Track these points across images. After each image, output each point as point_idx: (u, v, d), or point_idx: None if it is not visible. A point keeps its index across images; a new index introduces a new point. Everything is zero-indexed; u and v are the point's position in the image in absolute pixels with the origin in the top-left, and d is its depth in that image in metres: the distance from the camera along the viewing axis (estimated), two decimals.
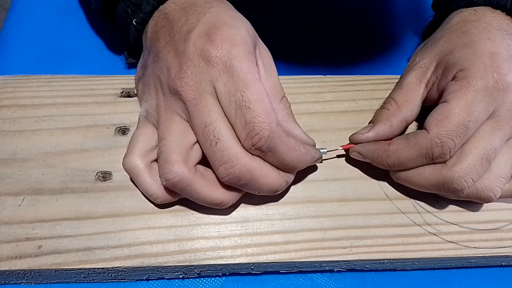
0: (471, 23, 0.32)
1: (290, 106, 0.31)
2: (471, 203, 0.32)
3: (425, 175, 0.29)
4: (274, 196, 0.31)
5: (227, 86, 0.26)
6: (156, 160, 0.29)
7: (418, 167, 0.30)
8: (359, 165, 0.33)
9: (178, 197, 0.30)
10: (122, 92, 0.35)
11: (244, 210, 0.31)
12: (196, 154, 0.28)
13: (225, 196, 0.29)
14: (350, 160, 0.33)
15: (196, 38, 0.27)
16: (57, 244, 0.29)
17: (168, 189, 0.29)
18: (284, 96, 0.30)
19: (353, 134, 0.32)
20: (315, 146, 0.31)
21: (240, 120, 0.26)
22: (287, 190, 0.32)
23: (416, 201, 0.32)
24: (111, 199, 0.31)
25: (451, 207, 0.32)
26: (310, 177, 0.33)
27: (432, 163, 0.29)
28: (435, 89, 0.31)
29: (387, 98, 0.34)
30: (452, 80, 0.30)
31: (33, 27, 0.44)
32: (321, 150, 0.31)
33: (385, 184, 0.33)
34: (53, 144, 0.33)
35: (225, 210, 0.31)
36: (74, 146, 0.32)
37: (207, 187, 0.28)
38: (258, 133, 0.26)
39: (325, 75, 0.38)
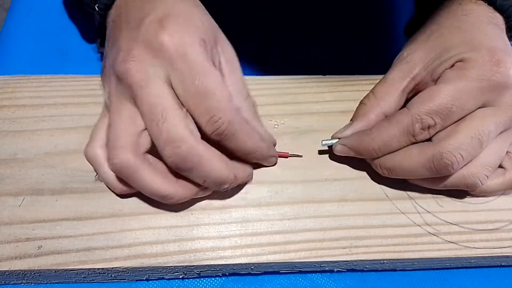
0: (461, 18, 0.32)
1: (254, 106, 0.31)
2: (470, 201, 0.32)
3: (413, 156, 0.29)
4: (225, 194, 0.31)
5: (184, 74, 0.26)
6: None
7: (403, 147, 0.30)
8: (359, 165, 0.33)
9: (134, 188, 0.29)
10: None
11: (244, 211, 0.31)
12: (145, 141, 0.27)
13: (173, 189, 0.28)
14: (349, 160, 0.33)
15: (148, 24, 0.27)
16: (57, 245, 0.29)
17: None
18: (248, 95, 0.31)
19: (334, 134, 0.33)
20: (275, 145, 0.32)
21: (200, 106, 0.26)
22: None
23: (416, 201, 0.32)
24: (111, 199, 0.31)
25: (451, 207, 0.32)
26: (310, 177, 0.33)
27: (415, 142, 0.29)
28: (431, 80, 0.31)
29: (368, 92, 0.33)
30: (449, 68, 0.30)
31: (33, 27, 0.44)
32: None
33: (385, 184, 0.33)
34: (53, 144, 0.33)
35: (225, 211, 0.31)
36: (74, 146, 0.32)
37: (155, 177, 0.27)
38: (219, 119, 0.26)
39: (325, 75, 0.38)
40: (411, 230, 0.31)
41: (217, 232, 0.30)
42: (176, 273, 0.30)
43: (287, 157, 0.33)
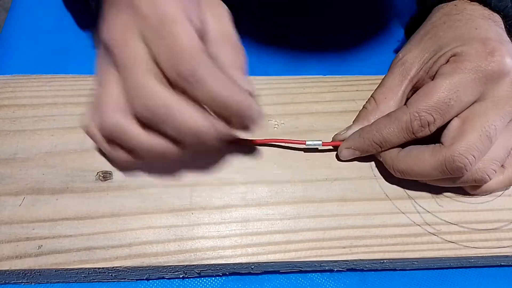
0: (454, 16, 0.32)
1: (244, 55, 0.29)
2: (470, 201, 0.32)
3: (425, 160, 0.29)
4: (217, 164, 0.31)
5: (154, 26, 0.25)
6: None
7: (403, 143, 0.30)
8: (358, 165, 0.33)
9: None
10: None
11: (244, 210, 0.31)
12: None
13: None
14: (350, 160, 0.33)
15: None
16: (58, 244, 0.29)
17: None
18: (236, 44, 0.28)
19: (334, 136, 0.33)
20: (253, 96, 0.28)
21: (164, 50, 0.25)
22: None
23: (415, 201, 0.32)
24: (112, 199, 0.31)
25: (451, 207, 0.32)
26: (310, 177, 0.33)
27: (414, 138, 0.30)
28: (428, 78, 0.31)
29: (370, 96, 0.34)
30: (444, 64, 0.30)
31: (33, 27, 0.44)
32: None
33: (385, 184, 0.33)
34: (53, 144, 0.33)
35: (225, 210, 0.31)
36: (75, 146, 0.33)
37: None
38: (182, 60, 0.24)
39: (325, 75, 0.38)
40: (411, 230, 0.31)
41: (217, 232, 0.30)
42: (177, 273, 0.30)
43: (305, 144, 0.32)
